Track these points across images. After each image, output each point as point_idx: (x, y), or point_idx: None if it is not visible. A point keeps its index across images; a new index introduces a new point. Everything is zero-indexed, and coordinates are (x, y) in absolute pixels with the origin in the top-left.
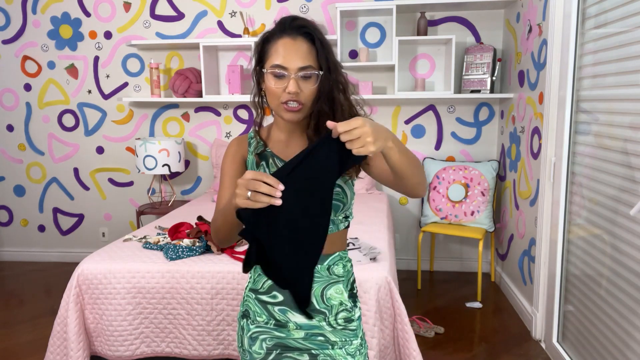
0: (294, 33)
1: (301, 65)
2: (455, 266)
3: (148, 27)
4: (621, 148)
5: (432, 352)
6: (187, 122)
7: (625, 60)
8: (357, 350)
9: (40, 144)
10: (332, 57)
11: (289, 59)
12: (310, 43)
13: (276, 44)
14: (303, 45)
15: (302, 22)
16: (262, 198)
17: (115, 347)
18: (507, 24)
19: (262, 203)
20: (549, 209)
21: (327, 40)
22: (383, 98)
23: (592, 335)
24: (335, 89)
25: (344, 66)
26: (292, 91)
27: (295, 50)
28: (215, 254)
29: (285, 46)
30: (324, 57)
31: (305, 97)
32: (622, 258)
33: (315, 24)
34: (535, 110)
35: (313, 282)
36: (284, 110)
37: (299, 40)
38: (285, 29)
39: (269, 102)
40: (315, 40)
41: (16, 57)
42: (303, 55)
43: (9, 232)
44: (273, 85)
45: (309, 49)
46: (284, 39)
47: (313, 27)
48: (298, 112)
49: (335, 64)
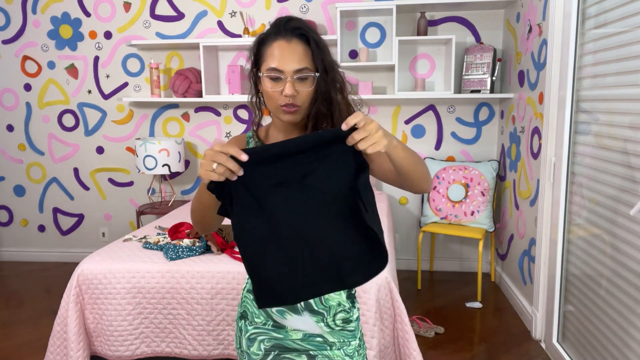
0: (289, 35)
1: (297, 67)
2: (455, 266)
3: (148, 27)
4: (621, 148)
5: (432, 352)
6: (187, 122)
7: (625, 60)
8: (355, 351)
9: (40, 144)
10: (328, 57)
11: (284, 62)
12: (305, 44)
13: (271, 46)
14: (298, 47)
15: (297, 24)
16: (225, 173)
17: (115, 347)
18: (507, 24)
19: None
20: (549, 209)
21: (322, 41)
22: (383, 98)
23: (592, 335)
24: (333, 89)
25: (342, 66)
26: (288, 94)
27: (290, 52)
28: (215, 254)
29: (281, 48)
30: (319, 57)
31: (302, 99)
32: (622, 258)
33: (310, 24)
34: (535, 110)
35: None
36: (282, 112)
37: (293, 42)
38: (280, 31)
39: (267, 104)
40: (311, 41)
41: (16, 57)
42: (298, 57)
43: (9, 232)
44: (270, 89)
45: (305, 51)
46: (279, 41)
47: (308, 27)
48: (296, 113)
49: (332, 64)
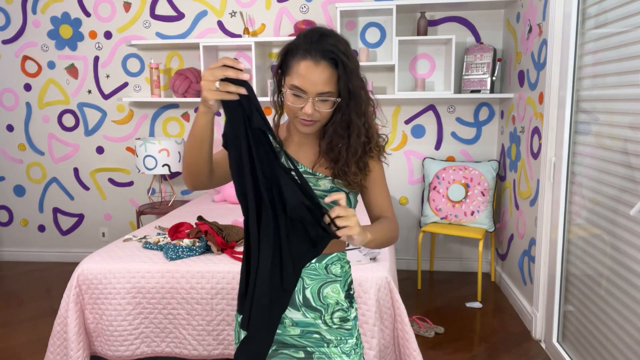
0: (319, 56)
1: (320, 91)
2: (455, 266)
3: (148, 27)
4: (621, 148)
5: (432, 352)
6: (187, 122)
7: (625, 60)
8: (352, 349)
9: (40, 144)
10: (355, 82)
11: (308, 84)
12: (333, 67)
13: (299, 64)
14: (325, 71)
15: (329, 46)
16: (229, 87)
17: (115, 347)
18: (507, 24)
19: (232, 94)
20: (549, 209)
21: (353, 62)
22: (383, 98)
23: (592, 335)
24: (354, 113)
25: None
26: (308, 113)
27: (317, 75)
28: (215, 254)
29: (308, 69)
30: (345, 84)
31: (321, 116)
32: (622, 258)
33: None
34: (535, 110)
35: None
36: (299, 123)
37: (321, 65)
38: (310, 50)
39: (286, 113)
40: (339, 65)
41: (16, 57)
42: (324, 80)
43: (9, 232)
44: (290, 103)
45: (331, 75)
46: (307, 61)
47: (339, 50)
48: (312, 126)
49: (358, 90)
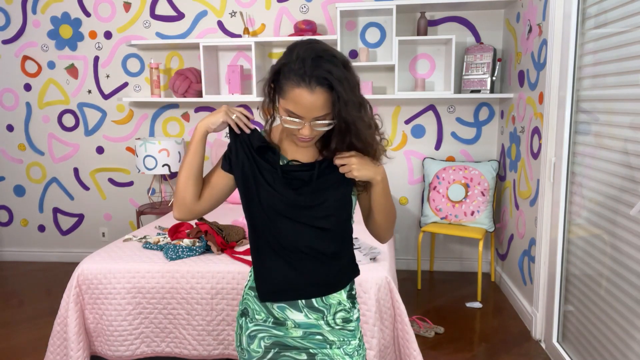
0: (313, 83)
1: (317, 115)
2: (455, 266)
3: (148, 27)
4: (621, 148)
5: (432, 352)
6: (187, 122)
7: (625, 60)
8: (355, 350)
9: (40, 144)
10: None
11: (304, 111)
12: (329, 91)
13: (293, 90)
14: (321, 98)
15: (324, 72)
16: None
17: (115, 347)
18: (507, 24)
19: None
20: (549, 209)
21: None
22: (383, 98)
23: (592, 335)
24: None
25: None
26: (305, 135)
27: (312, 102)
28: (215, 254)
29: (302, 97)
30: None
31: (318, 133)
32: (622, 258)
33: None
34: (535, 110)
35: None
36: (297, 140)
37: (317, 92)
38: (304, 76)
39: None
40: (334, 91)
41: (16, 57)
42: (320, 107)
43: (9, 232)
44: (287, 125)
45: (327, 99)
46: (302, 88)
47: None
48: (310, 142)
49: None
